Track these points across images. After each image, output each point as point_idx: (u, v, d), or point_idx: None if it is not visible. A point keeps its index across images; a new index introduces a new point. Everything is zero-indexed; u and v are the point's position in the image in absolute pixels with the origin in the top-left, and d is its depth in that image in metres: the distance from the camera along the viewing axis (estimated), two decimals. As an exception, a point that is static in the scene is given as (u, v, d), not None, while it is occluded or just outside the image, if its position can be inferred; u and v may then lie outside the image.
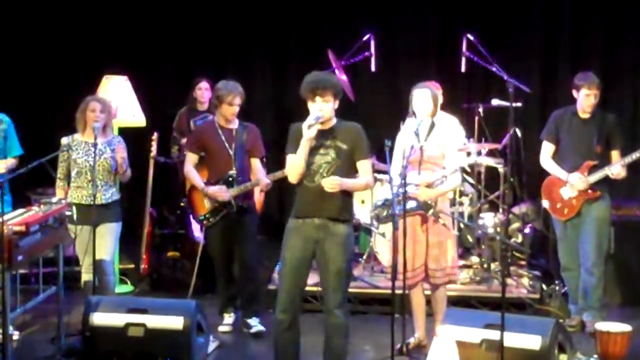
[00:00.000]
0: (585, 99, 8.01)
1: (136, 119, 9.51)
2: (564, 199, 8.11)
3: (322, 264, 6.61)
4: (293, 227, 6.64)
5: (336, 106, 6.58)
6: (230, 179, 8.04)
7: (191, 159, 8.17)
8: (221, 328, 8.25)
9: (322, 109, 6.47)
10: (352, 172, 6.62)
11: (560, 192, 8.11)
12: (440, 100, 8.03)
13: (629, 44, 10.90)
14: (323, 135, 6.53)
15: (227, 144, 8.07)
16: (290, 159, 6.61)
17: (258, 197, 8.57)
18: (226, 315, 8.32)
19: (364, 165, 6.64)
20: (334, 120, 6.61)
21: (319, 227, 6.54)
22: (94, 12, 11.35)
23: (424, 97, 7.44)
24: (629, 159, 7.91)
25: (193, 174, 8.15)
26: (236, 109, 8.07)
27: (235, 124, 8.15)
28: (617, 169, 7.92)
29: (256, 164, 8.21)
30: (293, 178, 6.63)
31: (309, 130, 6.43)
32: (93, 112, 7.87)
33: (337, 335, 6.64)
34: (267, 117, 11.34)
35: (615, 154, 8.07)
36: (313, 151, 6.53)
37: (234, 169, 8.05)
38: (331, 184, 6.43)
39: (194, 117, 9.73)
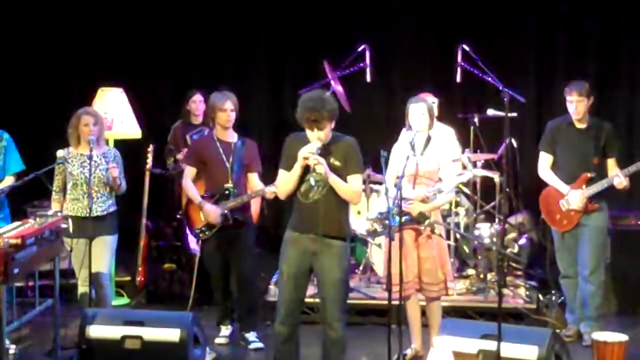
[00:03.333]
0: (569, 105, 8.01)
1: (132, 131, 9.51)
2: (563, 211, 8.10)
3: (320, 276, 6.61)
4: (290, 239, 6.65)
5: (332, 126, 6.55)
6: (227, 192, 8.05)
7: (190, 172, 8.15)
8: (218, 340, 8.24)
9: (319, 137, 6.46)
10: None
11: (559, 203, 8.11)
12: (436, 112, 8.04)
13: (625, 54, 10.93)
14: (320, 153, 6.50)
15: (224, 158, 8.06)
16: (281, 175, 6.64)
17: (254, 209, 8.56)
18: (223, 327, 8.32)
19: (353, 179, 6.56)
20: (330, 136, 6.59)
21: (315, 240, 6.54)
22: (89, 24, 11.36)
23: (420, 111, 7.45)
24: (633, 168, 7.89)
25: (191, 188, 8.13)
26: (230, 114, 8.04)
27: (234, 138, 8.15)
28: (618, 179, 7.91)
29: (254, 178, 8.21)
30: (282, 196, 6.69)
31: (306, 160, 6.43)
32: (87, 126, 7.86)
33: (335, 348, 6.66)
34: (263, 129, 11.34)
35: (611, 162, 8.07)
36: (307, 168, 6.51)
37: (230, 182, 8.06)
38: (316, 159, 6.39)
39: (188, 131, 9.71)
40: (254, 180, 8.21)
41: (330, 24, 11.35)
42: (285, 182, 6.60)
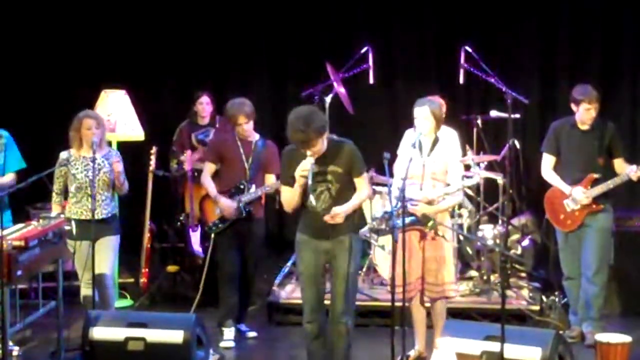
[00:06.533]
0: (586, 113, 7.99)
1: (135, 133, 9.51)
2: (567, 211, 8.09)
3: (333, 272, 6.81)
4: (302, 241, 6.83)
5: (325, 137, 6.63)
6: (242, 186, 8.16)
7: (209, 168, 8.30)
8: (223, 344, 8.21)
9: (312, 154, 6.57)
10: (351, 188, 6.76)
11: (563, 203, 8.10)
12: (443, 113, 8.04)
13: (628, 54, 10.91)
14: (319, 162, 6.63)
15: (244, 157, 8.19)
16: (284, 192, 6.80)
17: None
18: (226, 329, 8.28)
19: (361, 181, 6.78)
20: (325, 145, 6.67)
21: (327, 241, 6.73)
22: (93, 26, 11.37)
23: (423, 114, 7.42)
24: None
25: (209, 183, 8.27)
26: (245, 127, 8.16)
27: (255, 137, 8.29)
28: (633, 172, 7.88)
29: (271, 179, 8.29)
30: (288, 209, 6.86)
31: (301, 178, 6.57)
32: (89, 130, 7.82)
33: (342, 342, 6.80)
34: (266, 131, 11.31)
35: (619, 162, 8.05)
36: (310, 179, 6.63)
37: (246, 178, 8.17)
38: (333, 218, 6.62)
39: (194, 131, 9.78)
40: (270, 181, 8.30)
41: (334, 25, 11.35)
42: (288, 200, 6.79)
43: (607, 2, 10.87)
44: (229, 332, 8.29)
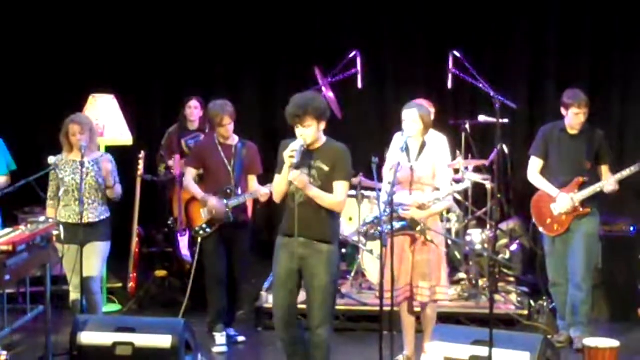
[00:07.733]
0: (575, 117, 8.03)
1: (123, 137, 9.50)
2: (554, 215, 8.11)
3: (307, 281, 6.65)
4: (281, 244, 6.72)
5: (322, 127, 6.60)
6: (229, 191, 8.16)
7: (191, 173, 8.32)
8: (216, 349, 8.20)
9: (303, 135, 6.52)
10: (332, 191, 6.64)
11: (550, 207, 8.12)
12: (432, 118, 8.05)
13: (616, 60, 10.94)
14: (308, 156, 6.58)
15: (226, 161, 8.21)
16: (275, 180, 6.73)
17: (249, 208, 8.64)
18: (217, 335, 8.26)
19: (338, 186, 6.60)
20: (323, 140, 6.65)
21: (303, 245, 6.58)
22: (82, 30, 11.36)
23: (411, 117, 7.42)
24: (619, 175, 7.94)
25: (192, 186, 8.28)
26: (228, 127, 8.19)
27: (234, 141, 8.28)
28: (610, 186, 7.94)
29: (252, 180, 8.33)
30: (277, 198, 6.78)
31: (289, 159, 6.49)
32: (74, 136, 7.83)
33: (318, 353, 6.70)
34: (254, 135, 11.32)
35: (605, 169, 8.10)
36: (296, 168, 6.57)
37: (232, 183, 8.16)
38: (295, 178, 6.48)
39: (184, 136, 9.77)
40: (251, 182, 8.33)
41: (322, 30, 11.36)
42: (277, 185, 6.69)
43: (597, 7, 10.90)
44: (220, 337, 8.27)
